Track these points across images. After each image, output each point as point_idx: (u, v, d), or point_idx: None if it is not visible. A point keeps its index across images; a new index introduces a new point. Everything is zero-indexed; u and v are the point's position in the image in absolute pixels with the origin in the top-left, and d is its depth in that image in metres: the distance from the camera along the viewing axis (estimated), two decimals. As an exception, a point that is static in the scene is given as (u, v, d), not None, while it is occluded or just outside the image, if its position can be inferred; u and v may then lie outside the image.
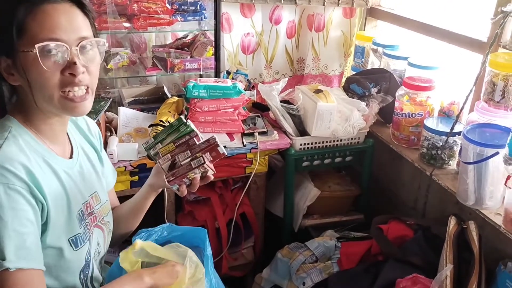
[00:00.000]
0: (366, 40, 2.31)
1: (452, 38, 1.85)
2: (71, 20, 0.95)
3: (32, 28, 0.91)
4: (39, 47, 0.91)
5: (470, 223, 1.47)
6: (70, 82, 0.96)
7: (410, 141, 1.89)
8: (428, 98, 1.83)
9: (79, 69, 0.95)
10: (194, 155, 1.14)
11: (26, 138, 1.00)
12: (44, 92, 0.96)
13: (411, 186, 1.96)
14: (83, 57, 0.96)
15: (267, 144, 1.83)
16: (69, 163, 1.09)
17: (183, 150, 1.15)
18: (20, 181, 0.92)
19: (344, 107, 1.87)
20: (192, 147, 1.14)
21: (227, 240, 1.93)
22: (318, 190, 2.00)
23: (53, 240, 1.00)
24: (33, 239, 0.93)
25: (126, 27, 1.89)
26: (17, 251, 0.89)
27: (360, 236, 1.85)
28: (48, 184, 0.99)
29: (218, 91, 1.79)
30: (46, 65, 0.92)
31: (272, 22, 2.34)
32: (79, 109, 0.99)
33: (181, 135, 1.16)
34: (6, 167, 0.91)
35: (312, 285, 1.69)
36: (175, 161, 1.14)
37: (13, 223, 0.89)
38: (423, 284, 1.38)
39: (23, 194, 0.92)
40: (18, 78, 0.97)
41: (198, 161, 1.13)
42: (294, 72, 2.53)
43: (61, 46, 0.93)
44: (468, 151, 1.45)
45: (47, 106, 0.99)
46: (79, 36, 0.96)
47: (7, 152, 0.93)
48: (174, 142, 1.16)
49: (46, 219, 0.98)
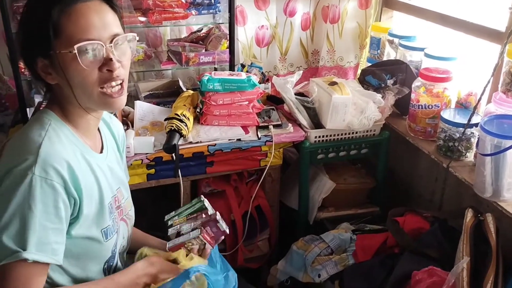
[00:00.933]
0: (381, 31, 2.29)
1: (469, 28, 1.82)
2: (103, 18, 0.98)
3: (68, 28, 0.94)
4: (78, 48, 0.94)
5: (487, 216, 1.45)
6: (109, 78, 1.00)
7: (427, 133, 1.87)
8: (445, 90, 1.81)
9: (115, 65, 0.99)
10: (195, 227, 1.21)
11: (65, 131, 1.03)
12: (83, 89, 0.99)
13: (428, 179, 1.94)
14: (117, 52, 1.00)
15: (281, 137, 1.83)
16: (101, 157, 1.13)
17: (189, 222, 1.23)
18: (59, 178, 0.95)
19: (359, 99, 1.86)
20: (196, 220, 1.22)
21: (243, 232, 1.95)
22: (333, 182, 2.00)
23: (84, 231, 1.03)
24: (57, 235, 0.96)
25: (141, 21, 1.91)
26: (39, 245, 0.92)
27: (375, 229, 1.84)
28: (84, 178, 1.02)
29: (233, 84, 1.79)
30: (85, 63, 0.96)
31: (286, 14, 2.33)
32: (117, 104, 1.04)
33: (195, 211, 1.25)
34: (51, 163, 0.94)
35: (327, 277, 1.70)
36: (180, 231, 1.22)
37: (42, 217, 0.92)
38: (439, 277, 1.37)
39: (58, 190, 0.94)
40: (56, 77, 1.00)
41: (196, 232, 1.19)
42: (309, 64, 2.52)
43: (97, 45, 0.97)
44: (486, 143, 1.44)
45: (87, 102, 1.03)
46: (111, 33, 0.99)
47: (51, 147, 0.96)
48: (187, 216, 1.24)
49: (78, 212, 1.01)
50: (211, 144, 1.74)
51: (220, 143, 1.75)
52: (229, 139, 1.77)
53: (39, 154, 0.94)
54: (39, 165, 0.92)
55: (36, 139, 0.97)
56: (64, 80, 0.98)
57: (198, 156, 1.75)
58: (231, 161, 1.81)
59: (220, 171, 1.84)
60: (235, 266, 1.92)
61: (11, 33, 1.62)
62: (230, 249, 1.96)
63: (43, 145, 0.95)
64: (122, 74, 1.02)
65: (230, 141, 1.77)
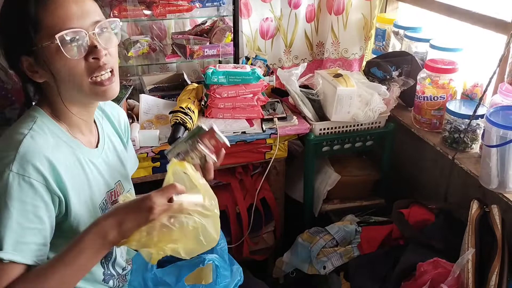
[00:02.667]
0: (387, 23, 2.28)
1: (475, 19, 1.81)
2: (82, 6, 0.95)
3: (47, 20, 0.92)
4: (60, 37, 0.91)
5: (493, 207, 1.45)
6: (96, 67, 0.97)
7: (432, 125, 1.86)
8: (450, 81, 1.80)
9: (101, 52, 0.96)
10: (193, 142, 1.15)
11: (52, 128, 1.01)
12: (72, 82, 0.97)
13: (433, 170, 1.94)
14: (101, 40, 0.97)
15: (286, 129, 1.83)
16: (95, 152, 1.10)
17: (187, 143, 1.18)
18: (38, 175, 0.92)
19: (364, 91, 1.85)
20: (193, 138, 1.16)
21: (248, 224, 1.95)
22: (338, 175, 2.00)
23: (78, 228, 1.01)
24: (37, 236, 0.92)
25: (145, 14, 1.91)
26: (16, 245, 0.89)
27: (380, 221, 1.85)
28: (71, 176, 0.99)
29: (237, 77, 1.79)
30: (70, 54, 0.93)
31: (291, 6, 2.32)
32: (109, 92, 1.01)
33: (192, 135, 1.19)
34: (29, 160, 0.91)
35: (332, 268, 1.71)
36: (179, 152, 1.16)
37: (19, 216, 0.89)
38: (444, 268, 1.37)
39: (37, 188, 0.91)
40: (43, 74, 0.97)
41: (193, 145, 1.13)
42: (314, 56, 2.51)
43: (80, 33, 0.94)
44: (491, 134, 1.43)
45: (77, 95, 1.00)
46: (93, 20, 0.96)
47: (32, 144, 0.94)
48: (185, 141, 1.20)
49: (67, 210, 0.99)
50: (216, 137, 1.74)
51: (225, 136, 1.75)
52: (234, 132, 1.78)
53: (18, 151, 0.91)
54: (17, 161, 0.90)
55: (18, 136, 0.95)
56: (51, 75, 0.96)
57: (203, 149, 1.75)
58: (236, 153, 1.82)
59: (225, 163, 1.84)
60: (241, 258, 1.95)
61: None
62: (235, 242, 1.97)
63: (24, 141, 0.93)
64: (111, 62, 0.99)
65: (235, 134, 1.77)
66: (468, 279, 1.31)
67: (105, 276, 1.14)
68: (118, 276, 1.20)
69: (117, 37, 1.02)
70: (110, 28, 1.00)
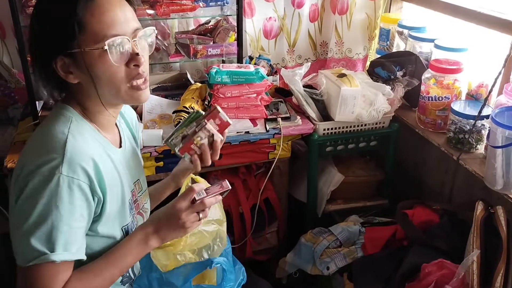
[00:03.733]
0: (391, 23, 2.27)
1: (480, 19, 1.79)
2: (125, 13, 0.96)
3: (93, 24, 0.92)
4: (108, 43, 0.92)
5: (498, 208, 1.44)
6: (136, 74, 0.98)
7: (437, 125, 1.85)
8: (455, 81, 1.79)
9: (142, 59, 0.98)
10: (198, 123, 1.16)
11: (87, 128, 1.02)
12: (111, 86, 0.98)
13: (438, 171, 1.93)
14: (140, 47, 0.99)
15: (290, 129, 1.83)
16: (120, 152, 1.11)
17: (191, 126, 1.18)
18: (86, 177, 0.94)
19: (368, 91, 1.84)
20: (197, 120, 1.17)
21: (251, 225, 1.95)
22: (342, 175, 2.00)
23: (107, 229, 1.03)
24: (82, 233, 0.96)
25: (149, 14, 1.90)
26: (66, 245, 0.92)
27: (384, 221, 1.84)
28: (109, 175, 1.01)
29: (241, 77, 1.79)
30: (114, 59, 0.94)
31: (294, 5, 2.31)
32: (143, 97, 1.03)
33: (191, 119, 1.19)
34: (78, 162, 0.92)
35: (336, 269, 1.70)
36: (184, 135, 1.16)
37: (68, 217, 0.92)
38: (449, 269, 1.36)
39: (83, 189, 0.93)
40: (79, 75, 0.97)
41: (200, 125, 1.13)
42: (317, 56, 2.51)
43: (124, 39, 0.95)
44: (497, 135, 1.42)
45: (112, 98, 1.01)
46: (133, 27, 0.98)
47: (76, 145, 0.95)
48: (186, 126, 1.19)
49: (101, 211, 1.00)
50: (220, 137, 1.74)
51: (228, 136, 1.75)
52: (237, 131, 1.77)
53: (65, 153, 0.92)
54: (66, 164, 0.91)
55: (60, 136, 0.95)
56: (89, 78, 0.96)
57: (207, 149, 1.75)
58: (239, 153, 1.81)
59: (229, 163, 1.84)
60: (244, 259, 1.94)
61: (20, 26, 1.63)
62: (238, 242, 1.97)
63: (68, 142, 0.93)
64: (146, 69, 1.02)
65: (239, 134, 1.77)
66: (473, 281, 1.30)
67: (123, 278, 1.15)
68: (131, 280, 1.20)
69: (152, 45, 1.05)
70: (147, 35, 1.02)
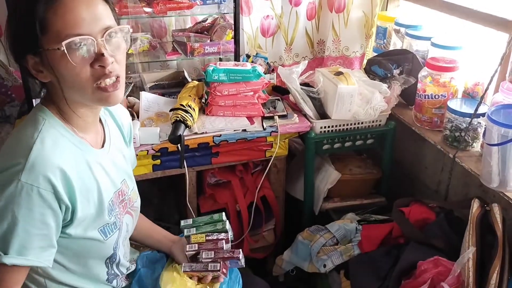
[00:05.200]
0: (388, 21, 2.27)
1: (476, 17, 1.80)
2: (93, 10, 0.91)
3: (55, 23, 0.89)
4: (66, 44, 0.88)
5: (493, 206, 1.44)
6: (101, 75, 0.94)
7: (433, 123, 1.86)
8: (451, 79, 1.80)
9: (108, 60, 0.93)
10: (215, 258, 1.18)
11: (60, 130, 0.99)
12: (76, 87, 0.95)
13: (434, 169, 1.94)
14: (109, 46, 0.94)
15: (287, 127, 1.83)
16: (101, 152, 1.09)
17: (209, 248, 1.20)
18: (48, 185, 0.91)
19: (365, 89, 1.85)
20: (217, 250, 1.19)
21: (248, 222, 1.95)
22: (339, 173, 2.00)
23: (81, 232, 1.01)
24: (43, 240, 0.93)
25: (146, 12, 1.90)
26: (20, 249, 0.90)
27: (381, 219, 1.84)
28: (81, 181, 0.99)
29: (238, 75, 1.79)
30: (75, 60, 0.90)
31: (292, 4, 2.31)
32: (112, 99, 0.98)
33: (215, 230, 1.21)
34: (39, 170, 0.90)
35: (332, 267, 1.71)
36: (198, 255, 1.19)
37: (26, 223, 0.90)
38: (445, 267, 1.37)
39: (45, 197, 0.91)
40: (47, 75, 0.95)
41: (215, 267, 1.17)
42: (314, 54, 2.51)
43: (87, 40, 0.91)
44: (493, 133, 1.43)
45: (80, 99, 0.98)
46: (102, 26, 0.93)
47: (42, 151, 0.92)
48: (206, 234, 1.20)
49: (72, 217, 0.98)
50: (217, 135, 1.74)
51: (226, 134, 1.75)
52: (234, 129, 1.77)
53: (28, 159, 0.89)
54: (27, 171, 0.89)
55: (28, 141, 0.93)
56: (55, 77, 0.94)
57: (204, 147, 1.75)
58: (236, 151, 1.81)
59: (226, 161, 1.84)
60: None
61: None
62: (235, 240, 1.97)
63: (34, 148, 0.91)
64: (117, 69, 0.96)
65: (236, 132, 1.77)
66: (468, 278, 1.31)
67: (109, 276, 1.14)
68: (122, 276, 1.20)
69: (126, 44, 0.99)
70: (120, 34, 0.97)
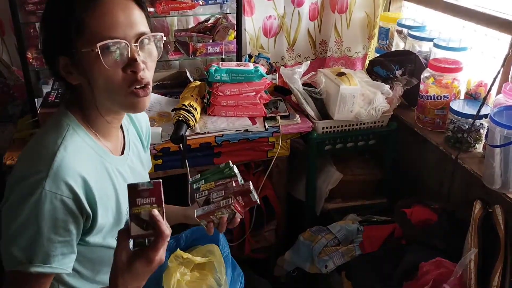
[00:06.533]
0: (390, 21, 2.27)
1: (479, 18, 1.80)
2: (129, 16, 0.92)
3: (91, 25, 0.89)
4: (101, 46, 0.89)
5: (496, 207, 1.44)
6: (133, 80, 0.94)
7: (435, 124, 1.86)
8: (454, 80, 1.79)
9: (140, 66, 0.93)
10: (226, 195, 1.16)
11: (83, 136, 0.99)
12: (107, 91, 0.95)
13: (436, 170, 1.93)
14: (142, 53, 0.94)
15: (289, 127, 1.83)
16: (121, 159, 1.09)
17: (219, 189, 1.18)
18: (70, 193, 0.91)
19: (367, 90, 1.84)
20: (227, 189, 1.17)
21: (250, 223, 1.95)
22: (341, 173, 2.00)
23: (100, 240, 1.01)
24: (65, 247, 0.94)
25: (148, 11, 1.90)
26: (45, 258, 0.91)
27: (383, 220, 1.84)
28: (102, 189, 0.98)
29: (240, 75, 1.79)
30: (108, 63, 0.90)
31: (294, 4, 2.31)
32: (140, 105, 0.98)
33: (223, 177, 1.19)
34: (63, 178, 0.90)
35: (334, 267, 1.71)
36: (209, 198, 1.17)
37: (49, 231, 0.90)
38: (447, 268, 1.37)
39: (68, 205, 0.91)
40: (78, 77, 0.95)
41: (227, 202, 1.14)
42: (317, 55, 2.51)
43: (121, 43, 0.91)
44: (495, 134, 1.42)
45: (109, 104, 0.98)
46: (137, 31, 0.93)
47: (66, 158, 0.92)
48: (215, 181, 1.19)
49: (92, 224, 0.98)
50: (219, 135, 1.74)
51: (227, 134, 1.75)
52: (236, 130, 1.77)
53: (51, 167, 0.90)
54: (50, 179, 0.89)
55: (51, 147, 0.93)
56: (86, 80, 0.94)
57: (206, 147, 1.75)
58: (238, 152, 1.81)
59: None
60: (242, 257, 1.94)
61: (19, 23, 1.62)
62: (237, 240, 1.97)
63: (58, 156, 0.91)
64: (147, 76, 0.96)
65: (238, 132, 1.77)
66: (470, 280, 1.30)
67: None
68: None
69: (158, 52, 1.00)
70: (153, 41, 0.98)
